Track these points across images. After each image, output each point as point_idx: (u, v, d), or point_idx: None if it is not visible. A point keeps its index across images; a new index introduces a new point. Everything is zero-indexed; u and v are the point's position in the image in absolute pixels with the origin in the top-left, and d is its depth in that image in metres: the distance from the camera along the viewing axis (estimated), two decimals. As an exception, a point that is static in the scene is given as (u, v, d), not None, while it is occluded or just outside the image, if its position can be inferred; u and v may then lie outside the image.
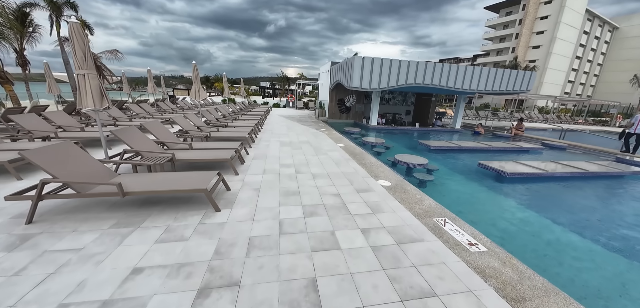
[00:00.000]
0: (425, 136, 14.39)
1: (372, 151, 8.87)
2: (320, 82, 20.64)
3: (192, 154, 5.14)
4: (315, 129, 11.86)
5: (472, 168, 7.82)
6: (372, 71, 11.77)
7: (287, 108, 26.25)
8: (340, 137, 10.11)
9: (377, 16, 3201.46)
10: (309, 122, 14.85)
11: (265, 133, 10.31)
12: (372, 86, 12.01)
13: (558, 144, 12.23)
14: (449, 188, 6.23)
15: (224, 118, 11.73)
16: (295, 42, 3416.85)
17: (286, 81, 33.19)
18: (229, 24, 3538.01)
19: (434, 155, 9.40)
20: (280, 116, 17.19)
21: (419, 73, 12.28)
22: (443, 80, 12.65)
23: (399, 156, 7.26)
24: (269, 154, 6.92)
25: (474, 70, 12.93)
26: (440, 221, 3.57)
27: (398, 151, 9.66)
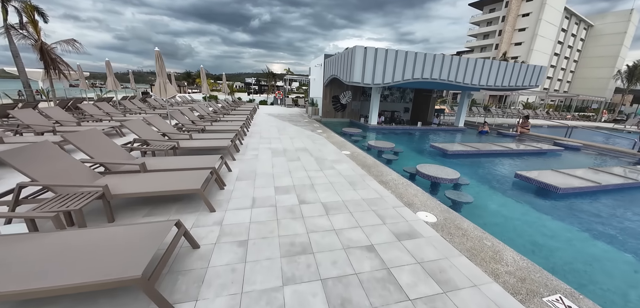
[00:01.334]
0: (431, 136, 13.17)
1: (382, 159, 7.43)
2: (311, 78, 18.96)
3: (143, 184, 3.36)
4: (310, 131, 10.25)
5: (507, 181, 6.55)
6: (375, 64, 10.29)
7: (275, 106, 24.38)
8: (342, 141, 8.56)
9: (362, 12, 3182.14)
10: (302, 122, 13.19)
11: (252, 137, 8.58)
12: (375, 81, 10.55)
13: (571, 143, 11.36)
14: (498, 214, 4.86)
15: (202, 119, 9.84)
16: (281, 38, 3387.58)
17: (272, 77, 31.23)
18: (210, 17, 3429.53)
19: (453, 162, 8.09)
20: (268, 115, 15.39)
21: (426, 67, 10.94)
22: (452, 74, 11.40)
23: (422, 167, 5.83)
24: (258, 170, 5.25)
25: (484, 63, 11.79)
26: (554, 303, 2.12)
27: (410, 158, 8.27)
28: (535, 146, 10.13)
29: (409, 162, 7.76)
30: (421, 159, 8.27)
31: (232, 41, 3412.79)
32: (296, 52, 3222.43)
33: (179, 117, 8.23)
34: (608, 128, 20.86)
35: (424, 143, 10.99)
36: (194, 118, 9.15)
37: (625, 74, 33.37)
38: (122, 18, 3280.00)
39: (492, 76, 12.05)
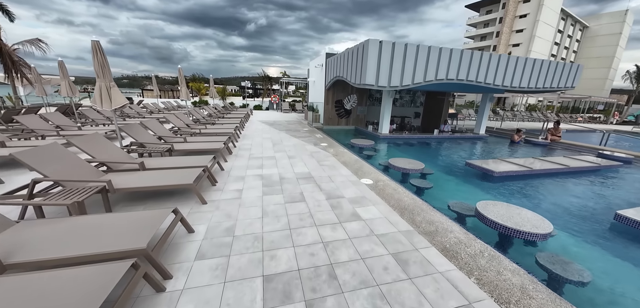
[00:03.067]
0: (453, 147, 11.29)
1: (410, 185, 5.55)
2: (310, 80, 17.05)
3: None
4: (313, 145, 8.30)
5: (601, 224, 4.63)
6: (392, 62, 8.40)
7: (271, 111, 22.40)
8: (355, 160, 6.62)
9: (357, 16, 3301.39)
10: (302, 131, 11.23)
11: (239, 157, 6.59)
12: (392, 83, 8.65)
13: (620, 155, 9.54)
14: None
15: (177, 133, 7.82)
16: (276, 41, 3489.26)
17: (268, 81, 29.32)
18: (206, 22, 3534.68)
19: (504, 187, 6.22)
20: (262, 123, 13.40)
21: (452, 65, 9.09)
22: (481, 74, 9.58)
23: (492, 208, 3.90)
24: (238, 227, 3.27)
25: (517, 61, 10.00)
26: None
27: (449, 185, 6.35)
28: (591, 161, 8.27)
29: (452, 193, 5.85)
30: (464, 188, 6.37)
31: (227, 45, 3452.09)
32: (292, 56, 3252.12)
33: (142, 135, 6.19)
34: (631, 132, 19.25)
35: (452, 157, 9.08)
36: (165, 133, 7.13)
37: (634, 75, 32.17)
38: (116, 23, 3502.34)
39: (525, 75, 10.27)
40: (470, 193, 5.91)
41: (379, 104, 14.96)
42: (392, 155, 9.29)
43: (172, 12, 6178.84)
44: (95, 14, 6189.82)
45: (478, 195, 5.81)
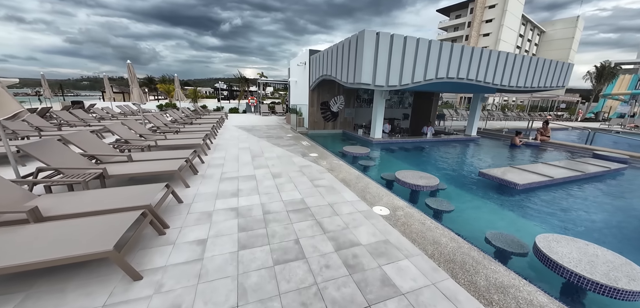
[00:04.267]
0: (451, 152, 10.48)
1: (427, 208, 4.42)
2: (291, 80, 15.60)
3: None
4: (301, 157, 6.91)
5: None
6: (390, 58, 7.27)
7: (248, 114, 20.58)
8: (357, 177, 5.35)
9: (333, 18, 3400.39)
10: (285, 138, 9.77)
11: (207, 179, 5.00)
12: (390, 82, 7.52)
13: (614, 155, 9.29)
14: None
15: (126, 146, 6.01)
16: (252, 42, 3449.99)
17: (245, 82, 27.31)
18: (176, 21, 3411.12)
19: (531, 202, 5.30)
20: (239, 129, 11.71)
21: (453, 62, 8.19)
22: (481, 73, 8.81)
23: (558, 247, 2.84)
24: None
25: (515, 59, 9.40)
26: None
27: (466, 206, 5.28)
28: (600, 165, 7.76)
29: (478, 217, 4.78)
30: (488, 207, 5.35)
31: (200, 45, 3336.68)
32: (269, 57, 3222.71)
33: (63, 159, 4.36)
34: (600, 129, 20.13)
35: (457, 165, 8.15)
36: (103, 148, 5.31)
37: (593, 75, 34.72)
38: (74, 20, 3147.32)
39: (522, 74, 9.74)
40: (498, 215, 4.89)
41: (367, 105, 13.92)
42: (390, 163, 8.19)
43: (137, 9, 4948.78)
44: (49, 10, 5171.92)
45: (508, 216, 4.80)
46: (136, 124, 7.67)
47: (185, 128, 9.48)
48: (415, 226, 3.38)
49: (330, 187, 4.74)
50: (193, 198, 4.08)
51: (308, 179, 5.13)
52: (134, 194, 3.31)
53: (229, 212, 3.63)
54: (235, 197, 4.16)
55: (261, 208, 3.78)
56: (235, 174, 5.30)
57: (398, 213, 3.75)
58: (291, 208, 3.81)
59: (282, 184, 4.82)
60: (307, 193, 4.43)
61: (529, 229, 4.38)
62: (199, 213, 3.56)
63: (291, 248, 2.82)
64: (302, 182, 4.97)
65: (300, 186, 4.73)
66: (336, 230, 3.23)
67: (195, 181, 4.84)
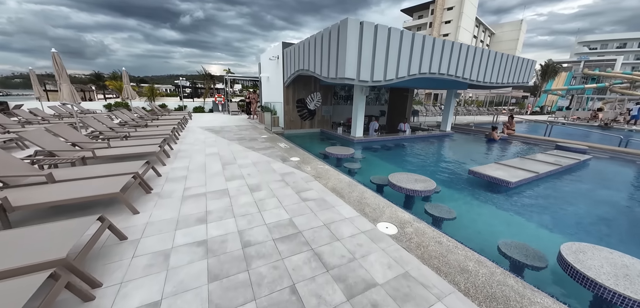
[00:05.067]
0: (430, 148, 10.39)
1: (430, 216, 3.95)
2: (263, 76, 14.46)
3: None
4: (281, 162, 6.05)
5: None
6: (375, 51, 6.70)
7: (216, 113, 18.89)
8: (348, 184, 4.70)
9: (301, 15, 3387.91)
10: (260, 139, 8.78)
11: (164, 199, 3.93)
12: (375, 78, 6.97)
13: (575, 146, 9.97)
14: None
15: (48, 160, 4.61)
16: (217, 37, 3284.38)
17: (210, 79, 25.16)
18: (127, 11, 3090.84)
19: (524, 199, 5.15)
20: (206, 131, 10.37)
21: (435, 58, 7.92)
22: (460, 68, 8.73)
23: (590, 259, 2.49)
24: None
25: (489, 55, 9.54)
26: None
27: (466, 210, 4.93)
28: (570, 156, 8.11)
29: (481, 222, 4.42)
30: (486, 210, 5.06)
31: (157, 39, 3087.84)
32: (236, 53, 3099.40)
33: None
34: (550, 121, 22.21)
35: (443, 163, 7.94)
36: (12, 166, 3.91)
37: (539, 72, 38.69)
38: (2, 8, 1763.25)
39: (495, 70, 9.95)
40: (500, 218, 4.58)
41: (344, 102, 13.41)
42: (375, 164, 7.71)
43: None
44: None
45: (512, 220, 4.51)
46: (69, 129, 6.11)
47: (137, 131, 7.98)
48: (432, 248, 2.80)
49: (321, 200, 4.00)
50: (143, 230, 3.05)
51: (293, 191, 4.33)
52: (45, 237, 2.23)
53: (194, 249, 2.70)
54: (202, 224, 3.21)
55: (239, 238, 2.91)
56: (202, 190, 4.29)
57: (408, 231, 3.16)
58: (278, 235, 3.00)
59: (263, 200, 3.96)
60: (296, 210, 3.64)
61: (537, 233, 4.13)
62: (149, 255, 2.58)
63: (287, 304, 2.03)
64: (286, 195, 4.15)
65: (286, 201, 3.91)
66: (341, 264, 2.51)
67: (147, 204, 3.75)
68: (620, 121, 20.82)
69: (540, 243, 3.58)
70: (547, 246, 3.41)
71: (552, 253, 3.07)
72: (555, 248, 2.95)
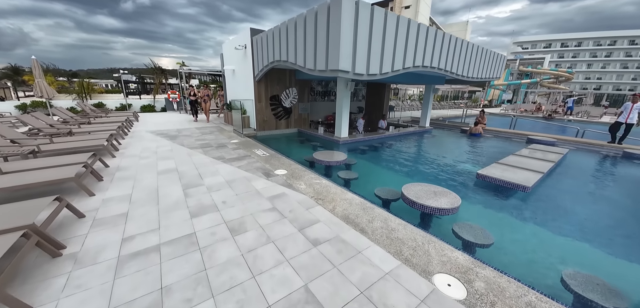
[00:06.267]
0: (417, 146, 9.88)
1: (456, 240, 3.12)
2: (227, 69, 12.53)
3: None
4: (264, 177, 4.69)
5: None
6: (371, 39, 5.64)
7: (170, 112, 16.22)
8: (361, 206, 3.63)
9: (261, 7, 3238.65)
10: (229, 146, 7.19)
11: (86, 269, 2.34)
12: (371, 71, 5.90)
13: (544, 139, 10.41)
14: None
15: None
16: (166, 27, 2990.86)
17: (161, 73, 21.74)
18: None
19: (553, 208, 4.64)
20: (157, 136, 8.31)
21: (427, 49, 7.21)
22: (449, 62, 8.19)
23: None
24: None
25: (474, 49, 9.24)
26: None
27: (504, 232, 4.23)
28: (554, 150, 8.18)
29: (525, 249, 3.72)
30: (530, 231, 4.43)
31: (92, 27, 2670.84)
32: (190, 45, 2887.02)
33: None
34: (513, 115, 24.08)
35: (439, 164, 7.33)
36: None
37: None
38: None
39: (477, 64, 9.75)
40: (542, 238, 3.92)
41: (322, 98, 12.28)
42: (371, 170, 6.76)
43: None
44: None
45: (554, 241, 3.88)
46: None
47: (51, 144, 5.77)
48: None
49: (338, 241, 2.83)
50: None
51: (294, 227, 3.07)
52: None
53: None
54: (155, 324, 1.80)
55: (229, 356, 1.59)
56: (152, 241, 2.77)
57: (478, 288, 2.18)
58: (298, 333, 1.75)
59: (254, 251, 2.63)
60: (309, 266, 2.41)
61: (589, 255, 3.55)
62: None
63: None
64: (286, 237, 2.88)
65: (290, 250, 2.65)
66: None
67: (53, 283, 2.15)
68: (559, 113, 23.45)
69: (602, 271, 2.95)
70: (611, 271, 2.78)
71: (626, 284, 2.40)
72: (624, 274, 2.26)
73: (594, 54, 65.45)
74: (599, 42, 64.63)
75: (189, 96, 12.49)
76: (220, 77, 21.28)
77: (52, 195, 3.04)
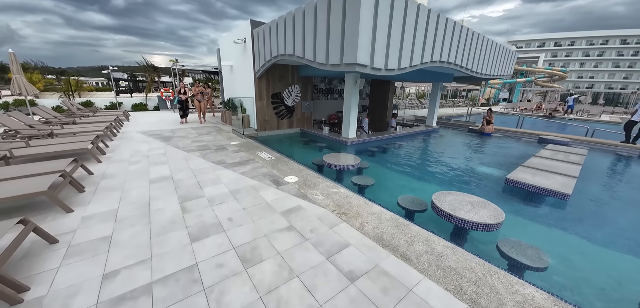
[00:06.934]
0: (427, 147, 9.38)
1: (514, 266, 2.57)
2: (224, 65, 11.83)
3: None
4: (274, 185, 4.09)
5: None
6: (390, 29, 5.04)
7: (163, 111, 15.43)
8: (396, 225, 3.07)
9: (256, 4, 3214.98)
10: (230, 148, 6.55)
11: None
12: (389, 65, 5.31)
13: (557, 138, 10.02)
14: None
15: None
16: (159, 24, 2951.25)
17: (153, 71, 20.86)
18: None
19: (605, 219, 4.17)
20: (149, 137, 7.61)
21: (446, 42, 6.67)
22: (465, 58, 7.65)
23: None
24: None
25: (488, 43, 8.73)
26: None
27: (542, 240, 3.72)
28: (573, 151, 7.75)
29: (604, 282, 3.19)
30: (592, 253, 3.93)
31: (82, 23, 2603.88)
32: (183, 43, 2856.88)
33: None
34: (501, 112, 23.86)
35: (460, 165, 6.82)
36: None
37: (485, 67, 42.56)
38: None
39: (490, 60, 9.26)
40: (607, 262, 3.43)
41: (325, 97, 11.69)
42: (384, 175, 6.20)
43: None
44: None
45: (604, 256, 3.40)
46: None
47: (27, 148, 5.05)
48: None
49: (379, 272, 2.25)
50: None
51: (320, 253, 2.49)
52: None
53: None
54: None
55: None
56: (142, 280, 2.15)
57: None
58: None
59: (277, 294, 2.04)
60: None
61: None
62: None
63: None
64: (314, 268, 2.29)
65: (321, 290, 2.06)
66: None
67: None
68: (559, 111, 23.32)
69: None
70: None
71: None
72: None
73: (587, 53, 66.31)
74: (591, 41, 65.46)
75: (178, 94, 10.64)
76: (213, 75, 20.49)
77: (17, 215, 2.40)
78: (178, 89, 10.88)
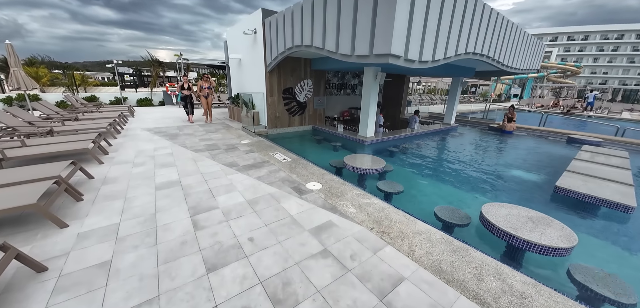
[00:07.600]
0: (447, 147, 8.76)
1: None
2: (232, 58, 11.29)
3: None
4: (296, 195, 3.57)
5: None
6: (427, 18, 4.39)
7: (168, 106, 15.01)
8: (451, 249, 2.52)
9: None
10: (241, 148, 6.03)
11: None
12: (423, 57, 4.69)
13: (588, 138, 9.29)
14: None
15: None
16: (163, 18, 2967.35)
17: (158, 65, 20.46)
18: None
19: None
20: (154, 135, 7.14)
21: (481, 32, 6.01)
22: (497, 48, 6.97)
23: None
24: None
25: (516, 30, 7.95)
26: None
27: (620, 266, 3.14)
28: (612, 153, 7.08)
29: None
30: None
31: (88, 18, 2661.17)
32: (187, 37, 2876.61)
33: None
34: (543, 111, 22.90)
35: (493, 169, 6.22)
36: None
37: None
38: None
39: (520, 52, 8.53)
40: None
41: (337, 92, 11.11)
42: (409, 178, 5.63)
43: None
44: None
45: None
46: None
47: (23, 148, 4.60)
48: None
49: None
50: None
51: (370, 292, 1.96)
52: None
53: None
54: None
55: None
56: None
57: None
58: None
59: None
60: None
61: None
62: None
63: None
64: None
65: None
66: None
67: None
68: (578, 108, 22.32)
69: None
70: None
71: None
72: None
73: (601, 48, 64.07)
74: (606, 35, 63.15)
75: (180, 89, 9.54)
76: (219, 70, 19.96)
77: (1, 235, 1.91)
78: (181, 84, 9.59)
